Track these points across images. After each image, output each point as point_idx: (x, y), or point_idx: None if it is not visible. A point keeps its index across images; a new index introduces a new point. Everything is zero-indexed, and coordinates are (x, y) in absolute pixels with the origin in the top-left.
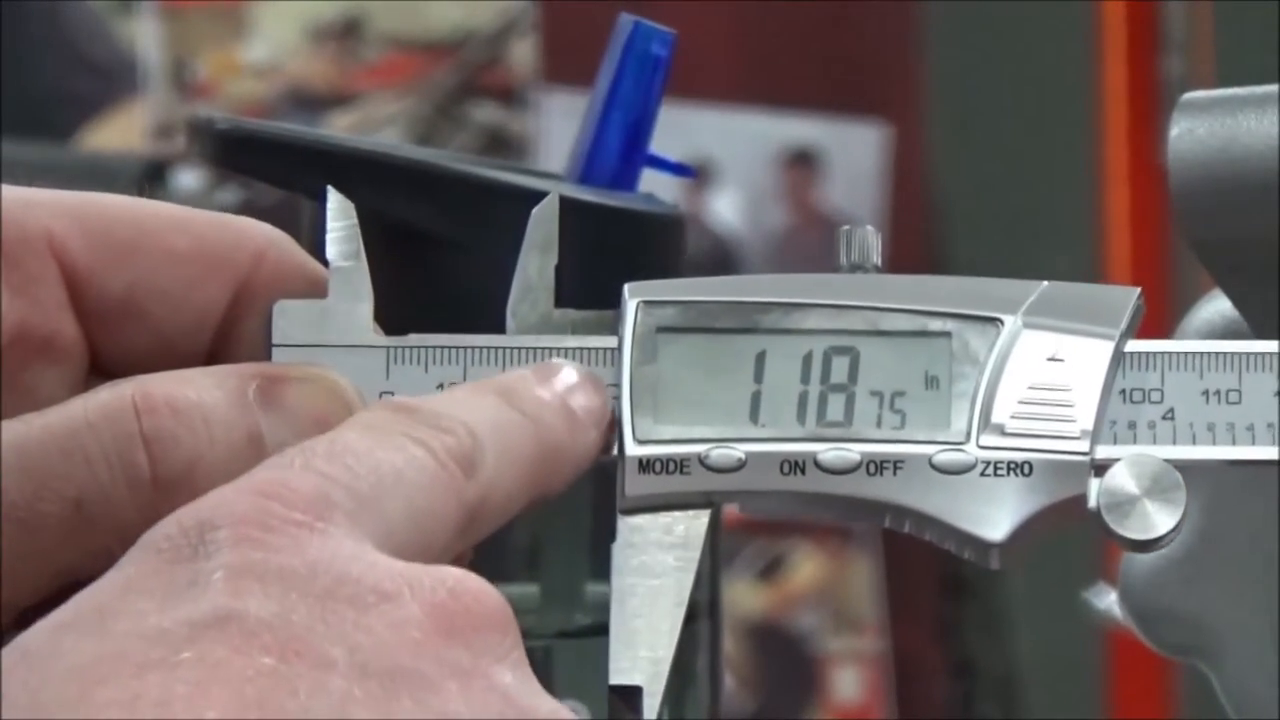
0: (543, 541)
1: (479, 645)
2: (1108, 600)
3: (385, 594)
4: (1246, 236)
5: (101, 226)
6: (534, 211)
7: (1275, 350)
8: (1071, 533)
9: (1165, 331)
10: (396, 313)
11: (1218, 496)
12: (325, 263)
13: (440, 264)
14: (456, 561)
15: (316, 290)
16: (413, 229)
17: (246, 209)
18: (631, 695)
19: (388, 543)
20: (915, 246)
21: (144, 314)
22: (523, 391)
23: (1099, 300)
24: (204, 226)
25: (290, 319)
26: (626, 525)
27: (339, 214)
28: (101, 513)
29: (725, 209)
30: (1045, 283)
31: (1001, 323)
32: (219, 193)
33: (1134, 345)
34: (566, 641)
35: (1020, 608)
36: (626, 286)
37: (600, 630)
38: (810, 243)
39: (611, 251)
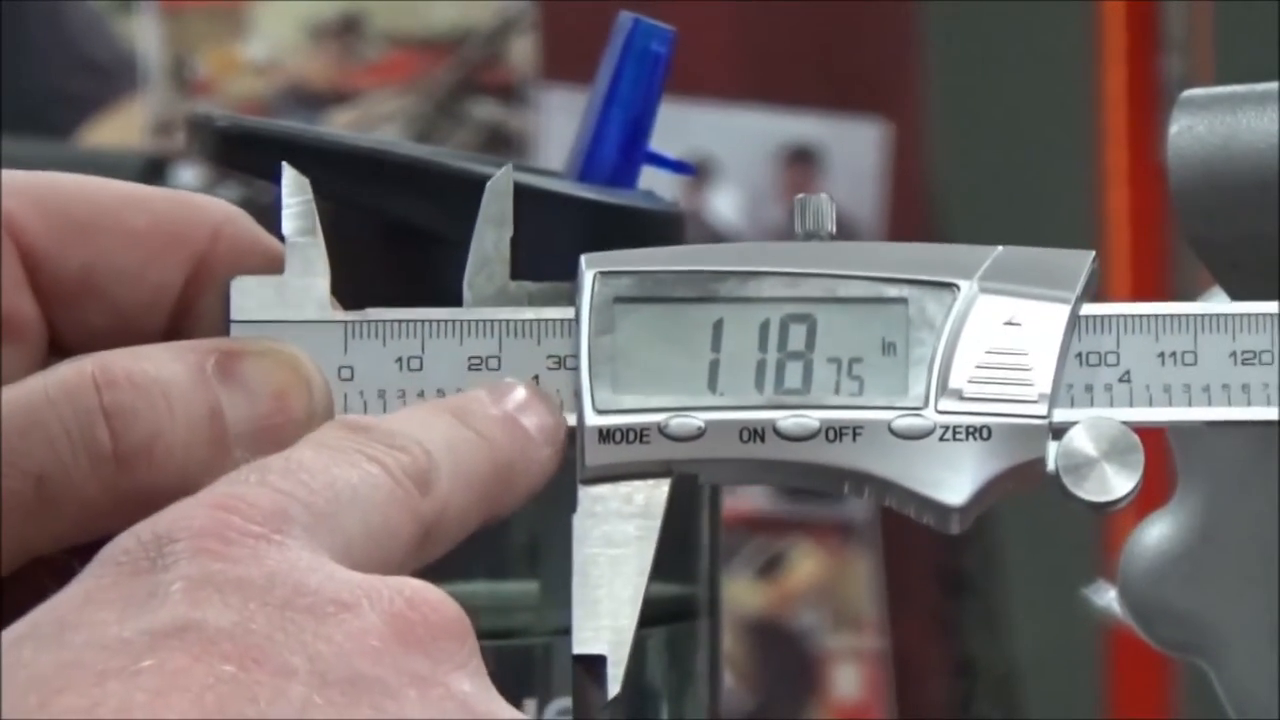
0: (541, 539)
1: (437, 653)
2: (1107, 597)
3: (344, 604)
4: (1246, 234)
5: (58, 205)
6: (489, 185)
7: (1229, 312)
8: (1071, 530)
9: None
10: (395, 307)
11: (1218, 493)
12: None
13: (439, 261)
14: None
15: (274, 267)
16: (412, 226)
17: (246, 206)
18: (595, 664)
19: (345, 558)
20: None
21: (102, 292)
22: (477, 411)
23: (1054, 264)
24: (161, 204)
25: (247, 295)
26: (587, 495)
27: (294, 190)
28: (63, 489)
29: (725, 206)
30: (1000, 248)
31: (958, 288)
32: (219, 190)
33: (1089, 309)
34: (566, 639)
35: (1020, 605)
36: (583, 258)
37: None
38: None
39: (611, 248)
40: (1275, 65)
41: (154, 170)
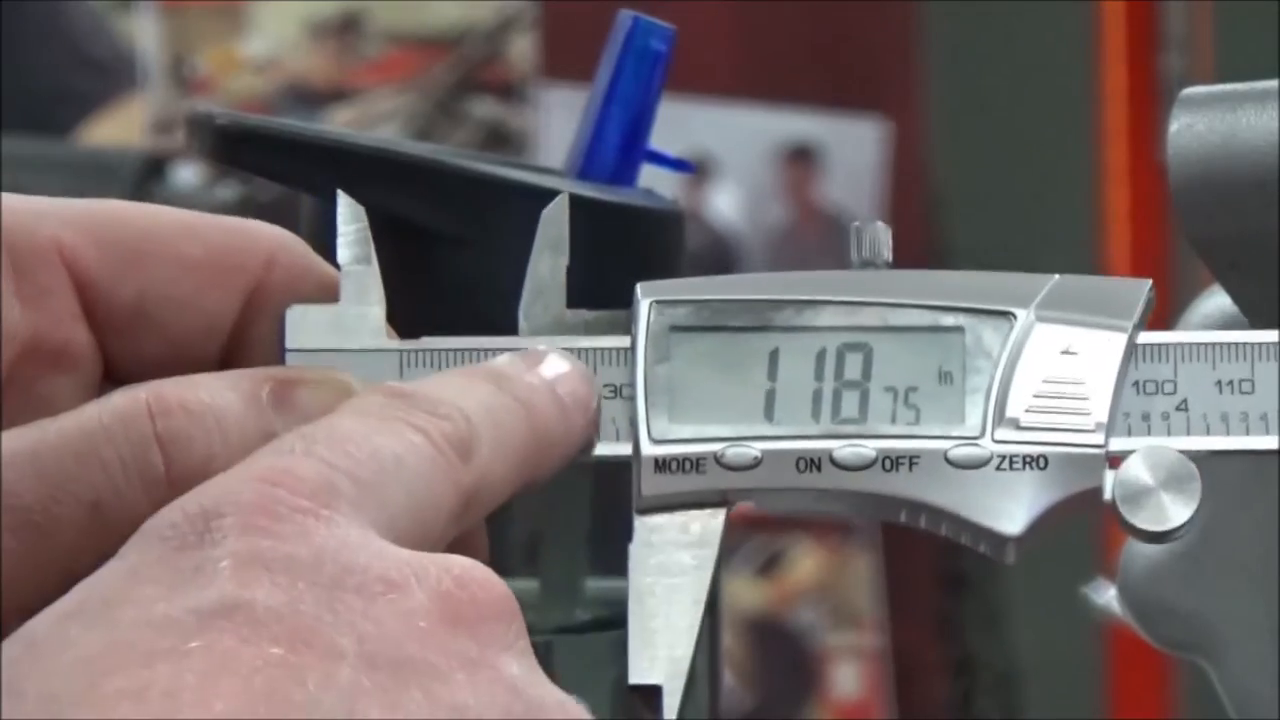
0: (542, 536)
1: (485, 635)
2: (1107, 596)
3: (392, 583)
4: (1246, 232)
5: (111, 235)
6: (544, 212)
7: None
8: (1071, 528)
9: (1166, 327)
10: (396, 307)
11: (1218, 492)
12: (331, 262)
13: (439, 259)
14: (470, 549)
15: (328, 294)
16: (412, 224)
17: (246, 204)
18: (652, 694)
19: (390, 530)
20: (915, 242)
21: (155, 321)
22: (514, 377)
23: (1111, 293)
24: (214, 232)
25: (303, 324)
26: (644, 525)
27: (350, 218)
28: (118, 515)
29: (724, 204)
30: (1057, 276)
31: (1014, 316)
32: (218, 188)
33: (1146, 337)
34: (566, 637)
35: (1020, 603)
36: (639, 286)
37: (601, 625)
38: (810, 238)
39: (610, 247)
40: (1275, 63)
41: (153, 168)
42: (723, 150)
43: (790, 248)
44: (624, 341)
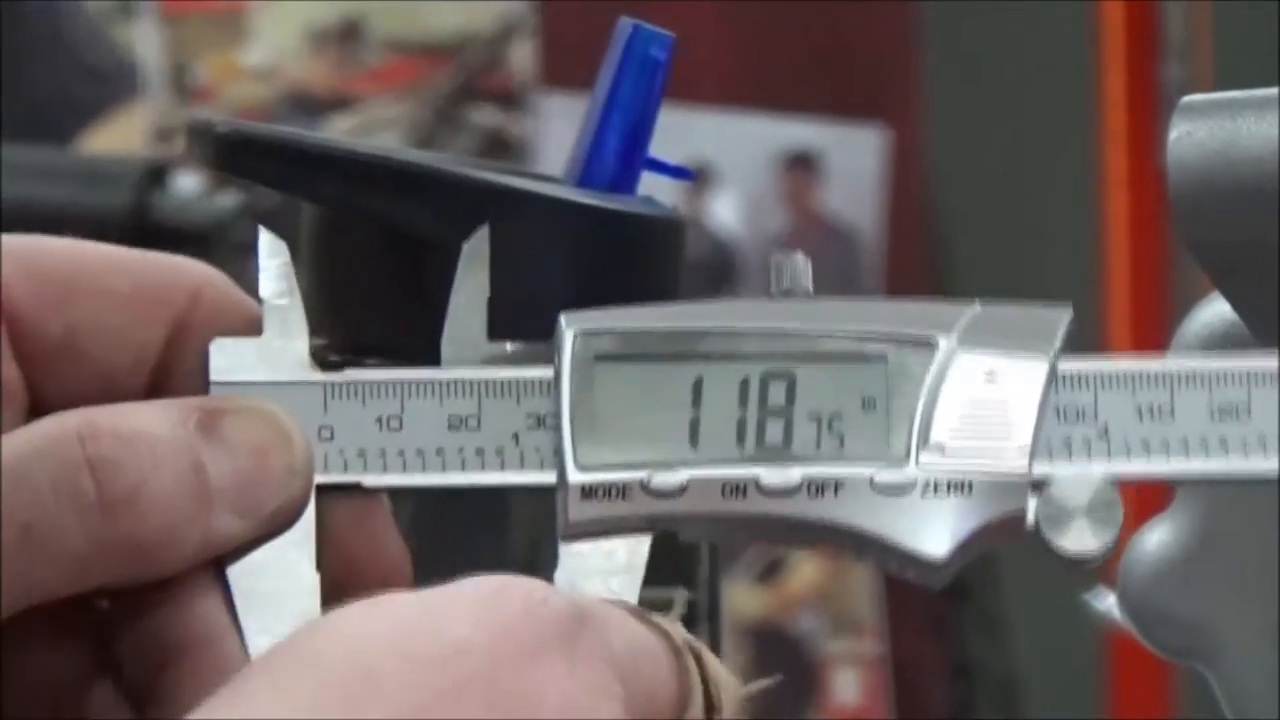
0: (541, 546)
1: None
2: (1107, 602)
3: None
4: (1245, 240)
5: (40, 268)
6: (464, 247)
7: (1206, 367)
8: None
9: (1165, 335)
10: (398, 316)
11: (1217, 499)
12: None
13: (440, 268)
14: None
15: (252, 328)
16: (412, 232)
17: (246, 212)
18: None
19: None
20: (914, 251)
21: (83, 354)
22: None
23: (1032, 320)
24: (140, 266)
25: (227, 356)
26: (569, 552)
27: (271, 252)
28: (50, 538)
29: (724, 212)
30: (978, 304)
31: (936, 344)
32: (219, 196)
33: (1067, 365)
34: None
35: (1019, 610)
36: (562, 316)
37: None
38: (810, 246)
39: (610, 255)
40: (1275, 70)
41: (154, 176)
42: (723, 158)
43: None
44: (547, 372)
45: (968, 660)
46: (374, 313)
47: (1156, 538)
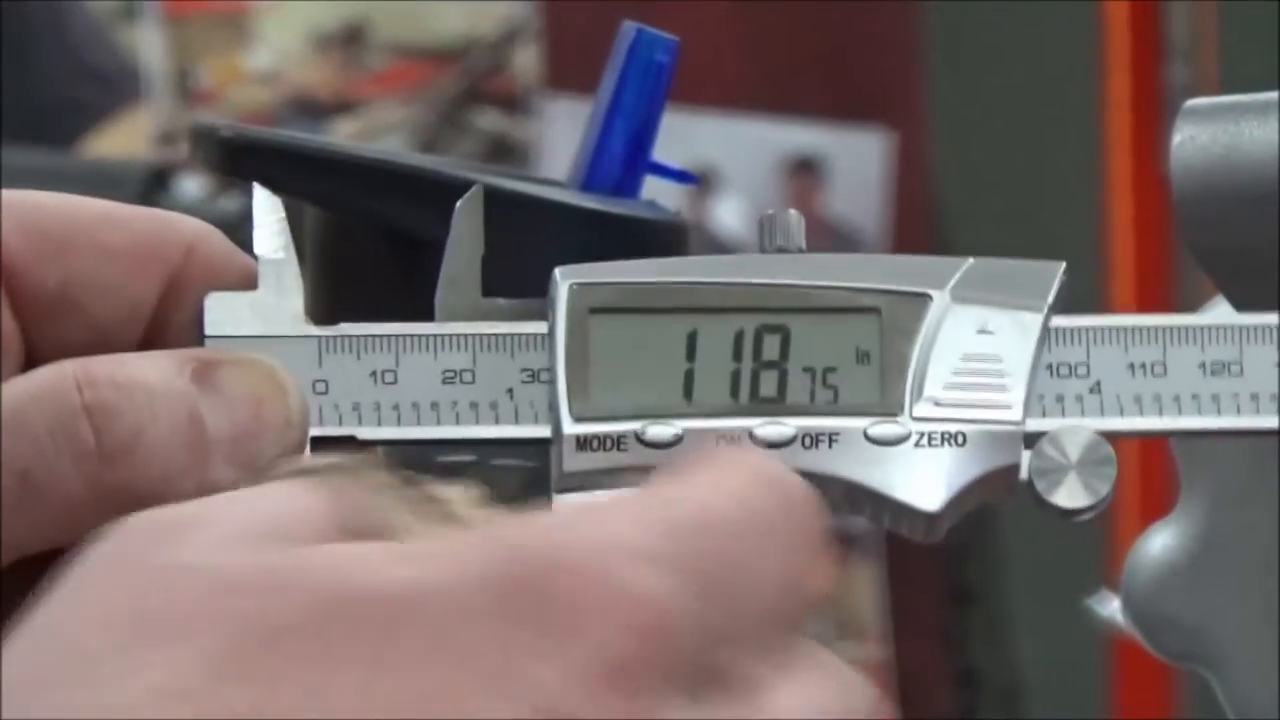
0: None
1: None
2: (1111, 607)
3: None
4: (1249, 243)
5: (36, 223)
6: (458, 204)
7: (1197, 323)
8: (1074, 540)
9: None
10: (401, 319)
11: (1220, 504)
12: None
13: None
14: None
15: (247, 284)
16: (416, 236)
17: (249, 216)
18: None
19: None
20: (919, 253)
21: (79, 308)
22: None
23: (1026, 274)
24: (135, 221)
25: (221, 311)
26: (562, 504)
27: (266, 208)
28: (47, 485)
29: (728, 216)
30: (971, 259)
31: (930, 297)
32: (223, 200)
33: (1059, 321)
34: None
35: (1023, 615)
36: (557, 270)
37: None
38: (813, 249)
39: (614, 258)
40: (1279, 74)
41: (157, 180)
42: (726, 162)
43: None
44: (542, 327)
45: (972, 665)
46: (378, 316)
47: (1160, 542)
